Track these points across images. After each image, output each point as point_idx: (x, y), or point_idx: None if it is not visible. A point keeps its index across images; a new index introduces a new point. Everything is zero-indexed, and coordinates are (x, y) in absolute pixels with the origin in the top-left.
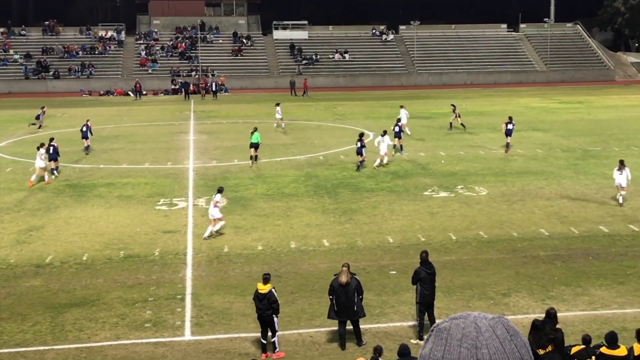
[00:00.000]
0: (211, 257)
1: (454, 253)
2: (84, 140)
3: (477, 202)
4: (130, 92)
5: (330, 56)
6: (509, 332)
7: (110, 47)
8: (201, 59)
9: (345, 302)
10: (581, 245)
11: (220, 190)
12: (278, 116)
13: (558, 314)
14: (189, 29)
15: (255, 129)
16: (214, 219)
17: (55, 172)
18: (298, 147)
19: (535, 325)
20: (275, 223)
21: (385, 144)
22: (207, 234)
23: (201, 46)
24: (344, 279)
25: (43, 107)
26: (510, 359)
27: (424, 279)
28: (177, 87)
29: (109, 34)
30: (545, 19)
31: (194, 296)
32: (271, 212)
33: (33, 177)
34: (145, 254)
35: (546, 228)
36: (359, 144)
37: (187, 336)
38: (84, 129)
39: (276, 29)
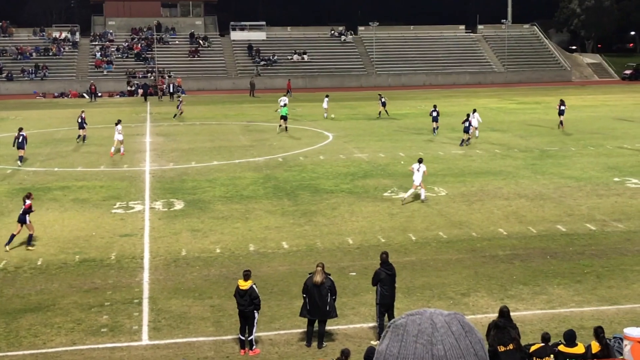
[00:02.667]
0: (168, 260)
1: (413, 254)
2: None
3: (437, 203)
4: (85, 94)
5: (289, 57)
6: (464, 329)
7: (64, 48)
8: (157, 61)
9: (319, 301)
10: (539, 244)
11: (420, 160)
12: (324, 106)
13: (517, 313)
14: (145, 29)
15: (285, 104)
16: (417, 185)
17: (20, 161)
18: (257, 148)
19: (497, 325)
20: (233, 226)
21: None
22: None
23: (157, 47)
24: (318, 278)
25: None
26: (465, 355)
27: (384, 280)
28: (133, 89)
29: (63, 35)
30: (502, 21)
31: (151, 300)
32: (229, 214)
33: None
34: (101, 258)
35: (505, 228)
36: (467, 123)
37: (145, 341)
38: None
39: (233, 29)
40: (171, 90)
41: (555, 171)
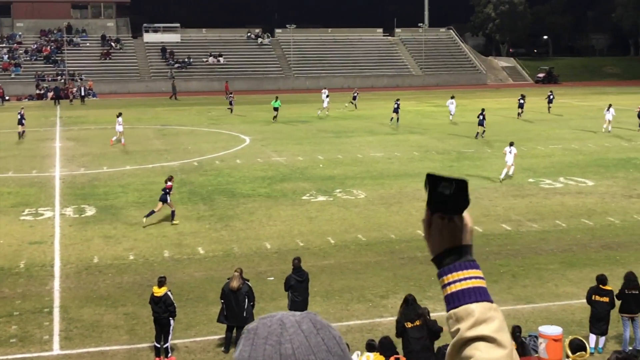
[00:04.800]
0: (80, 268)
1: (332, 257)
2: None
3: (356, 206)
4: None
5: (204, 59)
6: (316, 327)
7: None
8: (68, 63)
9: (236, 307)
10: None
11: (511, 143)
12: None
13: (435, 314)
14: (55, 31)
15: (277, 98)
16: (510, 165)
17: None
18: (171, 153)
19: (407, 299)
20: (147, 232)
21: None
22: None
23: (67, 50)
24: (235, 284)
25: None
26: (316, 352)
27: (294, 286)
28: (42, 92)
29: None
30: (419, 24)
31: (62, 309)
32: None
33: None
34: (9, 267)
35: (423, 229)
36: (481, 117)
37: (56, 350)
38: None
39: (147, 31)
40: (82, 94)
41: (472, 173)
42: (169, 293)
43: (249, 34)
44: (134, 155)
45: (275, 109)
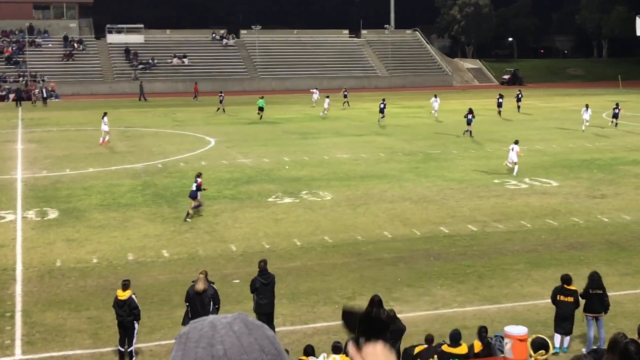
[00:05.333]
0: (42, 272)
1: (298, 259)
2: None
3: (322, 207)
4: None
5: (168, 61)
6: (248, 327)
7: None
8: (30, 64)
9: (201, 310)
10: (423, 246)
11: (516, 142)
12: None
13: (402, 315)
14: (16, 32)
15: (262, 97)
16: (513, 162)
17: None
18: (135, 155)
19: (373, 300)
20: (111, 235)
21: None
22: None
23: (29, 51)
24: (200, 286)
25: None
26: (248, 351)
27: (259, 289)
28: (3, 93)
29: None
30: (385, 26)
31: (24, 313)
32: (107, 223)
33: None
34: None
35: (389, 230)
36: (469, 116)
37: (18, 355)
38: None
39: (110, 32)
40: (44, 95)
41: (438, 174)
42: (133, 296)
43: (213, 35)
44: (97, 157)
45: (261, 109)
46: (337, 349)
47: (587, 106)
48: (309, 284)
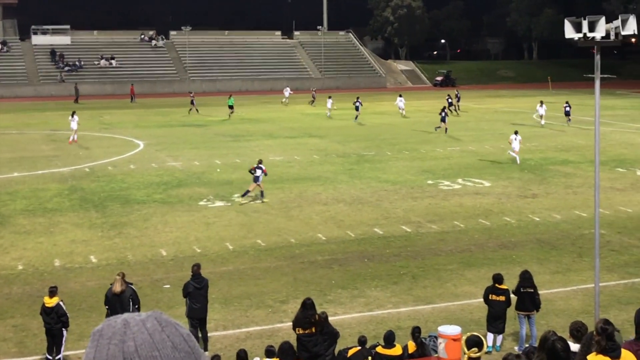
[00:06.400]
0: None
1: (231, 263)
2: None
3: (255, 210)
4: None
5: (96, 62)
6: (161, 324)
7: None
8: None
9: (120, 312)
10: (357, 248)
11: (516, 132)
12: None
13: (336, 317)
14: None
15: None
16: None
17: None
18: (61, 158)
19: (304, 303)
20: (37, 240)
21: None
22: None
23: None
24: (117, 287)
25: None
26: (160, 348)
27: (192, 293)
28: None
29: None
30: (318, 27)
31: None
32: (32, 228)
33: None
34: None
35: (323, 233)
36: (443, 114)
37: None
38: None
39: (35, 33)
40: None
41: (373, 175)
42: (61, 303)
43: (142, 36)
44: (23, 161)
45: (230, 107)
46: (270, 352)
47: (541, 102)
48: (241, 288)
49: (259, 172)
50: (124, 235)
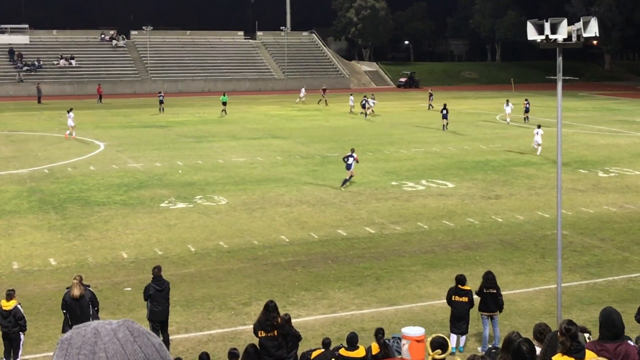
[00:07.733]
0: None
1: (192, 265)
2: None
3: (217, 212)
4: None
5: (55, 62)
6: (133, 334)
7: None
8: None
9: (81, 315)
10: (321, 249)
11: (539, 126)
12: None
13: (299, 320)
14: None
15: (224, 94)
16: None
17: None
18: (20, 160)
19: (267, 306)
20: None
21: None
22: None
23: None
24: (76, 291)
25: None
26: (132, 359)
27: (153, 296)
28: None
29: None
30: (282, 28)
31: None
32: None
33: None
34: None
35: (287, 234)
36: (444, 112)
37: None
38: None
39: None
40: None
41: (336, 177)
42: (18, 306)
43: (102, 36)
44: None
45: (224, 104)
46: (233, 355)
47: (507, 101)
48: (204, 290)
49: (350, 160)
50: (84, 237)
